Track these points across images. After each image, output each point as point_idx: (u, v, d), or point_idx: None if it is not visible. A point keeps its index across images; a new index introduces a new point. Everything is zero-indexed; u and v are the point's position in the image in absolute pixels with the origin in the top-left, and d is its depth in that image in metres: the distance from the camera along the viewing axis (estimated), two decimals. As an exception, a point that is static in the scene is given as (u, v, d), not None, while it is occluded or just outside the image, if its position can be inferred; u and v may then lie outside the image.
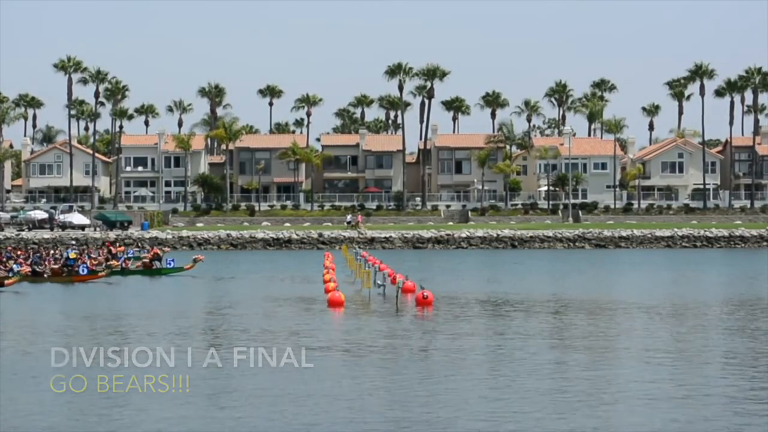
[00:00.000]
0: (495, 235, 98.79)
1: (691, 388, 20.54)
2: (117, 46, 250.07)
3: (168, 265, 57.74)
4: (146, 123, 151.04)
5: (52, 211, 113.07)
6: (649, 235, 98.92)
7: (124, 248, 67.29)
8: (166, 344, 26.17)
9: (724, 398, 19.52)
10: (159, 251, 60.63)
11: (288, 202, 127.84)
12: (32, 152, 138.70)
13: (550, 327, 31.68)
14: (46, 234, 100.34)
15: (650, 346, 26.81)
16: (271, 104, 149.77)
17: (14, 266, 49.10)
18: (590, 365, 23.67)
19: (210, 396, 20.06)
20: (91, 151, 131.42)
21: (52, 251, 58.06)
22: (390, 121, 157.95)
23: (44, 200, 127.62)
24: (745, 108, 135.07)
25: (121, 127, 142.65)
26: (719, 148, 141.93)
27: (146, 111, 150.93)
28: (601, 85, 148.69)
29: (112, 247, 63.72)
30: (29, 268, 49.39)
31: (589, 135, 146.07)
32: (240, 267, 68.12)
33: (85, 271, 50.06)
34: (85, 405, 19.03)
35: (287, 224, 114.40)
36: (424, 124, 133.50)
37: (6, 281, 45.93)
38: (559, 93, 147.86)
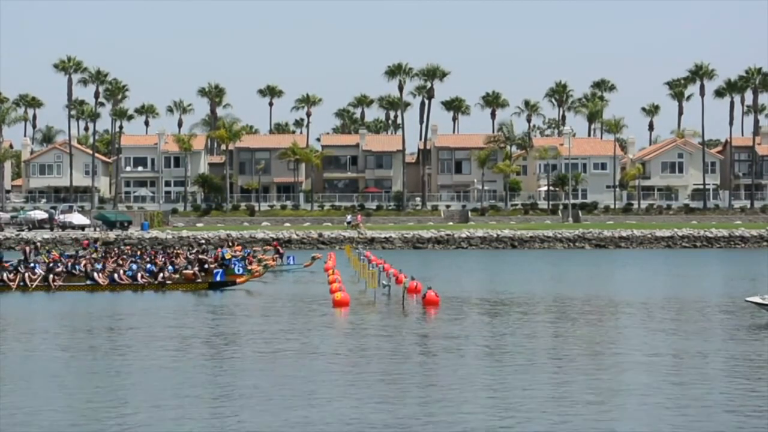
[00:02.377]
0: (495, 236, 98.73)
1: (691, 389, 20.57)
2: (117, 46, 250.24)
3: (288, 263, 57.90)
4: (146, 123, 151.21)
5: (52, 211, 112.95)
6: (649, 236, 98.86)
7: (241, 247, 65.98)
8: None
9: (723, 399, 19.54)
10: (281, 249, 61.69)
11: (288, 202, 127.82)
12: (32, 152, 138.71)
13: (551, 328, 31.70)
14: (46, 234, 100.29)
15: (649, 346, 26.84)
16: (271, 104, 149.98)
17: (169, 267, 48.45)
18: (591, 366, 23.68)
19: (213, 395, 20.08)
20: (91, 151, 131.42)
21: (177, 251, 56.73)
22: (390, 121, 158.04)
23: (44, 200, 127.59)
24: (745, 108, 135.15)
25: (121, 127, 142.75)
26: (719, 148, 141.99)
27: (146, 111, 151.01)
28: (601, 85, 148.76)
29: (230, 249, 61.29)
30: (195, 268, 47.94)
31: (589, 135, 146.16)
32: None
33: (241, 270, 48.72)
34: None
35: (287, 224, 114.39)
36: (424, 124, 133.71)
37: (238, 279, 46.99)
38: (559, 93, 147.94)
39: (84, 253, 55.46)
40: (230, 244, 71.32)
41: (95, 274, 45.60)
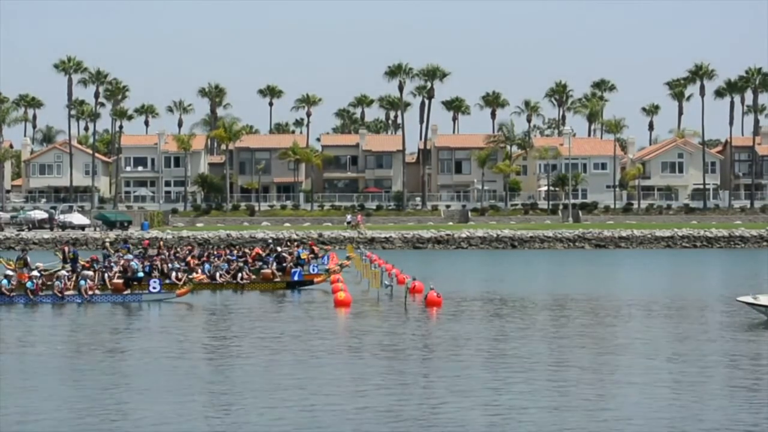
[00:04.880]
0: (495, 236, 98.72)
1: (691, 389, 20.59)
2: (117, 46, 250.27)
3: (324, 263, 57.03)
4: (146, 123, 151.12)
5: (52, 211, 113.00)
6: (649, 235, 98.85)
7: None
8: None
9: (722, 399, 19.56)
10: (316, 249, 60.34)
11: (288, 202, 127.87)
12: (32, 152, 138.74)
13: (551, 328, 31.69)
14: (46, 234, 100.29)
15: (648, 346, 26.86)
16: (271, 104, 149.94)
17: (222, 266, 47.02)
18: (591, 366, 23.69)
19: (215, 393, 20.08)
20: (91, 151, 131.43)
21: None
22: (390, 121, 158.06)
23: (44, 200, 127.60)
24: (745, 108, 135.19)
25: (121, 127, 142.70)
26: (719, 148, 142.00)
27: (146, 111, 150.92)
28: (601, 85, 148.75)
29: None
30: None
31: (589, 135, 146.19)
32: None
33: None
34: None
35: (287, 224, 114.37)
36: (424, 124, 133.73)
37: (316, 279, 46.27)
38: (559, 93, 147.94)
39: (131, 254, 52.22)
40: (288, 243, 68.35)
41: (173, 274, 43.94)
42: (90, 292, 39.25)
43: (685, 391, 20.42)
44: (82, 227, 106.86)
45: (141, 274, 41.42)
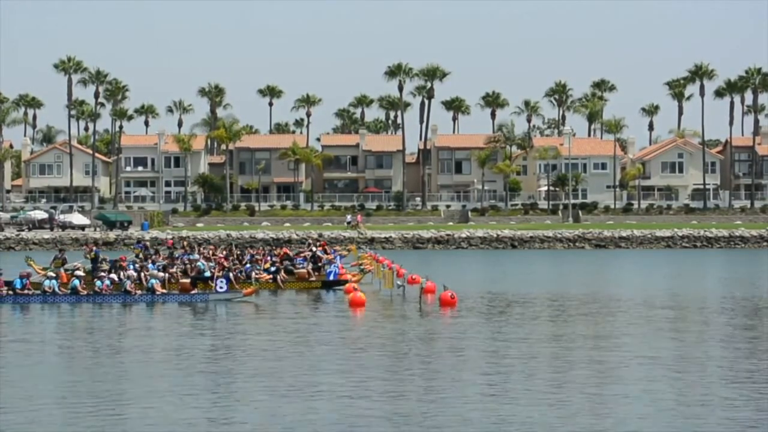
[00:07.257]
0: (495, 236, 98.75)
1: (692, 390, 20.60)
2: (117, 46, 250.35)
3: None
4: (146, 123, 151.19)
5: (52, 211, 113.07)
6: (649, 236, 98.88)
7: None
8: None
9: (723, 399, 19.57)
10: (328, 249, 59.64)
11: (288, 202, 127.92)
12: (32, 152, 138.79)
13: (554, 328, 31.69)
14: (46, 234, 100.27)
15: (649, 346, 26.86)
16: (271, 104, 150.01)
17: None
18: (592, 366, 23.72)
19: (218, 393, 20.09)
20: (91, 151, 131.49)
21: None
22: (390, 121, 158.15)
23: (44, 200, 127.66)
24: (745, 108, 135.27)
25: (121, 127, 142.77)
26: (719, 148, 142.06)
27: (146, 111, 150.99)
28: (601, 85, 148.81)
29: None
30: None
31: (589, 135, 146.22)
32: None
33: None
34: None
35: (287, 224, 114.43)
36: (424, 124, 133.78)
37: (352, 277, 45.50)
38: (559, 93, 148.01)
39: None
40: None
41: (206, 274, 42.91)
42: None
43: (686, 390, 20.43)
44: (82, 227, 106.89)
45: (208, 274, 41.58)
